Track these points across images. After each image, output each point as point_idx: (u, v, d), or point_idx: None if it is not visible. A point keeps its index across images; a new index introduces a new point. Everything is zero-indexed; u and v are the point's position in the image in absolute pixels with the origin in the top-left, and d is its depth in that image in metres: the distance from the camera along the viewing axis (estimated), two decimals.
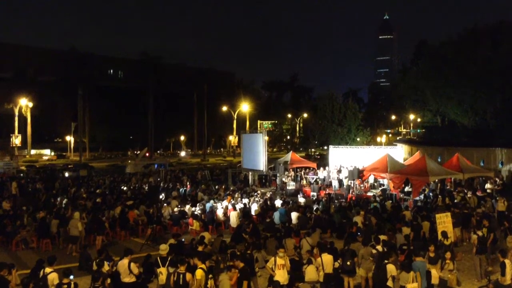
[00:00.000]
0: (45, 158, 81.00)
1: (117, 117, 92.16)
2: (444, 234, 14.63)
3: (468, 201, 22.78)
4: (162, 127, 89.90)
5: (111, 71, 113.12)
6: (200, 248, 13.23)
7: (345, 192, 28.30)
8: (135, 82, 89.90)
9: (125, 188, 32.98)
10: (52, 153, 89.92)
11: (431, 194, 26.12)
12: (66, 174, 47.70)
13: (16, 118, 73.80)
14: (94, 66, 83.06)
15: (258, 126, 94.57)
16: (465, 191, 25.81)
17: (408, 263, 11.13)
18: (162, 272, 11.64)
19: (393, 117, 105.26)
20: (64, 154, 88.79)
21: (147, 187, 34.11)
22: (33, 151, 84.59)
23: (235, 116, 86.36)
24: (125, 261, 11.63)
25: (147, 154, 71.26)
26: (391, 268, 11.20)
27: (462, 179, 27.74)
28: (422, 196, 25.82)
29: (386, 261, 11.36)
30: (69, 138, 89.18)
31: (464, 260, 15.99)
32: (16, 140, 71.74)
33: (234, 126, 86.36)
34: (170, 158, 77.34)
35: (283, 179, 34.12)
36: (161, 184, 35.30)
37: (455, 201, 22.69)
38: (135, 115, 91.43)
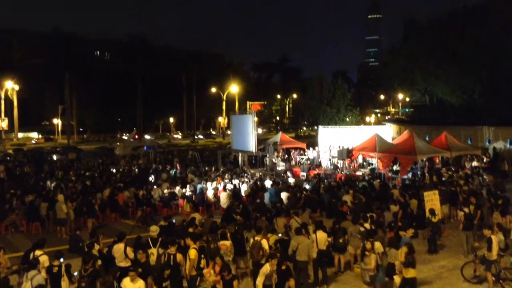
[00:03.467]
0: (33, 142, 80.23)
1: (105, 100, 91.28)
2: (432, 211, 14.86)
3: (455, 179, 23.05)
4: (151, 109, 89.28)
5: (98, 52, 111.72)
6: (190, 230, 13.30)
7: (334, 172, 28.49)
8: (123, 64, 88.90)
9: (114, 171, 32.87)
10: (40, 136, 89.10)
11: (418, 172, 26.40)
12: (54, 157, 47.35)
13: (2, 102, 72.71)
14: (80, 48, 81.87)
15: (248, 107, 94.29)
16: (453, 169, 26.14)
17: (397, 240, 11.31)
18: (153, 253, 11.70)
19: (382, 97, 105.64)
20: (51, 137, 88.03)
21: (136, 170, 34.01)
22: (20, 135, 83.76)
23: (225, 98, 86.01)
24: (120, 245, 11.63)
25: (136, 137, 70.95)
26: (378, 246, 11.40)
27: (450, 157, 28.06)
28: (410, 175, 26.09)
29: (371, 239, 11.54)
30: (57, 121, 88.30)
31: (451, 237, 16.30)
32: (3, 123, 70.77)
33: (224, 107, 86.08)
34: (159, 140, 77.05)
35: (273, 160, 34.20)
36: (152, 166, 35.22)
37: (443, 179, 22.95)
38: (124, 98, 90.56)
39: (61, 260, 10.56)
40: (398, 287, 10.43)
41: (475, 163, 28.83)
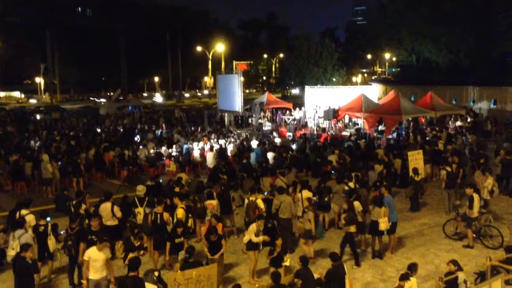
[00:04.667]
0: (20, 102, 78.53)
1: (87, 58, 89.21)
2: (415, 170, 15.09)
3: (439, 138, 23.33)
4: (135, 68, 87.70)
5: (79, 9, 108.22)
6: (176, 189, 13.35)
7: (320, 132, 28.64)
8: (105, 20, 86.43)
9: (99, 130, 32.60)
10: (23, 95, 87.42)
11: (403, 132, 26.67)
12: (38, 117, 46.71)
13: None
14: (60, 3, 79.21)
15: (234, 67, 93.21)
16: (437, 128, 26.45)
17: (380, 199, 11.52)
18: (140, 212, 11.79)
19: (369, 57, 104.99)
20: (34, 96, 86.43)
21: (122, 129, 33.77)
22: (1, 93, 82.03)
23: (210, 57, 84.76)
24: (107, 204, 11.66)
25: (121, 97, 69.87)
26: (357, 205, 11.65)
27: (434, 117, 28.33)
28: (394, 135, 26.35)
29: (350, 199, 11.76)
30: (39, 80, 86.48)
31: (433, 195, 16.67)
32: None
33: (210, 67, 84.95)
34: (144, 100, 76.22)
35: (259, 120, 34.18)
36: (137, 126, 34.98)
37: (427, 138, 23.22)
38: (107, 56, 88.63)
39: (48, 219, 10.56)
40: (342, 240, 11.05)
41: (459, 123, 29.18)
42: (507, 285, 8.98)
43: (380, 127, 27.88)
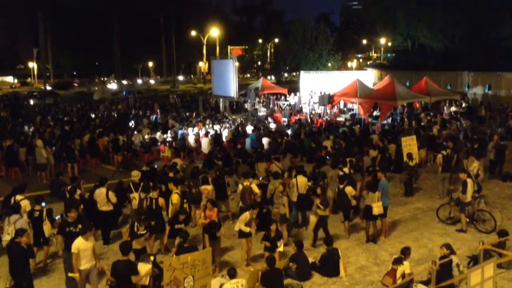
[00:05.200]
0: (13, 87, 77.74)
1: (81, 43, 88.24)
2: (409, 156, 15.16)
3: (434, 124, 23.39)
4: (129, 53, 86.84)
5: None
6: (171, 174, 13.34)
7: (315, 118, 28.64)
8: (99, 3, 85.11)
9: (93, 116, 32.45)
10: (15, 81, 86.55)
11: (398, 117, 26.72)
12: (31, 102, 46.40)
13: None
14: None
15: (229, 52, 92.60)
16: (431, 114, 26.51)
17: (374, 184, 11.58)
18: (135, 197, 11.79)
19: (364, 42, 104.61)
20: (28, 81, 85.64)
21: (116, 115, 33.62)
22: None
23: (205, 42, 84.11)
24: (102, 190, 11.65)
25: (115, 81, 69.24)
26: (349, 190, 11.72)
27: (429, 102, 28.38)
28: (389, 120, 26.40)
29: (341, 186, 11.82)
30: (32, 65, 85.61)
31: (427, 180, 16.77)
32: None
33: (204, 52, 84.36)
34: (138, 85, 75.75)
35: (254, 106, 34.10)
36: (131, 112, 34.82)
37: (422, 124, 23.29)
38: (100, 40, 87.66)
39: (43, 204, 10.56)
40: (315, 224, 11.23)
41: (453, 108, 29.25)
42: (499, 268, 9.09)
43: (375, 113, 27.91)
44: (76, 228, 9.04)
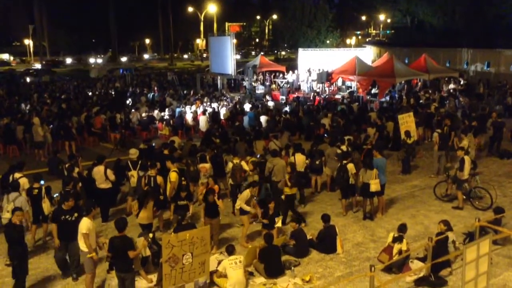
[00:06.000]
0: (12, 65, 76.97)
1: (77, 19, 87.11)
2: (407, 133, 15.15)
3: (432, 101, 23.35)
4: (125, 30, 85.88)
5: None
6: (165, 152, 13.29)
7: (313, 95, 28.53)
8: None
9: (90, 94, 32.28)
10: (11, 58, 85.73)
11: (396, 95, 26.64)
12: (28, 80, 46.07)
13: None
14: None
15: (226, 29, 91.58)
16: (430, 91, 26.42)
17: (370, 161, 11.60)
18: (134, 175, 11.80)
19: (364, 18, 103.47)
20: (24, 58, 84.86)
21: (113, 93, 33.44)
22: None
23: (202, 18, 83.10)
24: (100, 167, 11.63)
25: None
26: (350, 167, 11.72)
27: (428, 80, 28.26)
28: (388, 98, 26.32)
29: (345, 162, 11.82)
30: (28, 42, 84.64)
31: (425, 158, 16.82)
32: None
33: (202, 28, 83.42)
34: (135, 62, 75.16)
35: (252, 83, 33.90)
36: (129, 89, 34.63)
37: (420, 101, 23.23)
38: (97, 17, 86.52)
39: (41, 182, 10.57)
40: (284, 203, 11.24)
41: (452, 86, 29.14)
42: (495, 245, 9.20)
43: (374, 90, 27.81)
44: (72, 217, 8.59)
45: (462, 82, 30.68)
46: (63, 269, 8.94)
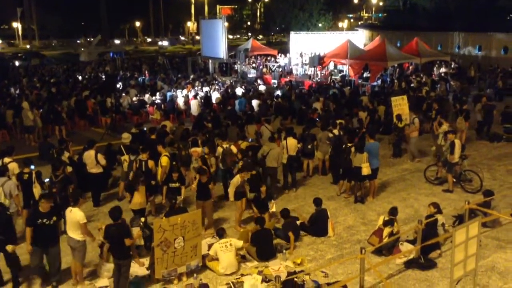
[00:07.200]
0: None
1: (66, 1, 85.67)
2: (399, 117, 15.16)
3: (424, 85, 23.37)
4: (115, 13, 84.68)
5: None
6: (152, 137, 13.23)
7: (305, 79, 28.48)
8: None
9: (80, 78, 31.96)
10: (0, 41, 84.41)
11: (388, 79, 26.64)
12: (17, 63, 45.49)
13: None
14: None
15: (218, 12, 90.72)
16: (421, 75, 26.44)
17: (361, 145, 11.62)
18: (126, 159, 11.74)
19: (356, 1, 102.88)
20: (12, 42, 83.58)
21: (103, 76, 33.12)
22: None
23: (193, 1, 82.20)
24: (91, 152, 11.56)
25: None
26: (354, 150, 11.73)
27: (420, 63, 28.28)
28: (379, 81, 26.33)
29: (349, 144, 11.82)
30: (16, 25, 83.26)
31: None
32: None
33: (192, 11, 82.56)
34: (126, 46, 74.32)
35: (244, 67, 33.72)
36: (119, 73, 34.32)
37: (412, 85, 23.25)
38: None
39: (32, 167, 10.50)
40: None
41: (443, 69, 29.19)
42: (484, 227, 9.30)
43: (365, 74, 27.79)
44: (50, 220, 7.72)
45: (453, 66, 30.74)
46: (42, 276, 8.19)
